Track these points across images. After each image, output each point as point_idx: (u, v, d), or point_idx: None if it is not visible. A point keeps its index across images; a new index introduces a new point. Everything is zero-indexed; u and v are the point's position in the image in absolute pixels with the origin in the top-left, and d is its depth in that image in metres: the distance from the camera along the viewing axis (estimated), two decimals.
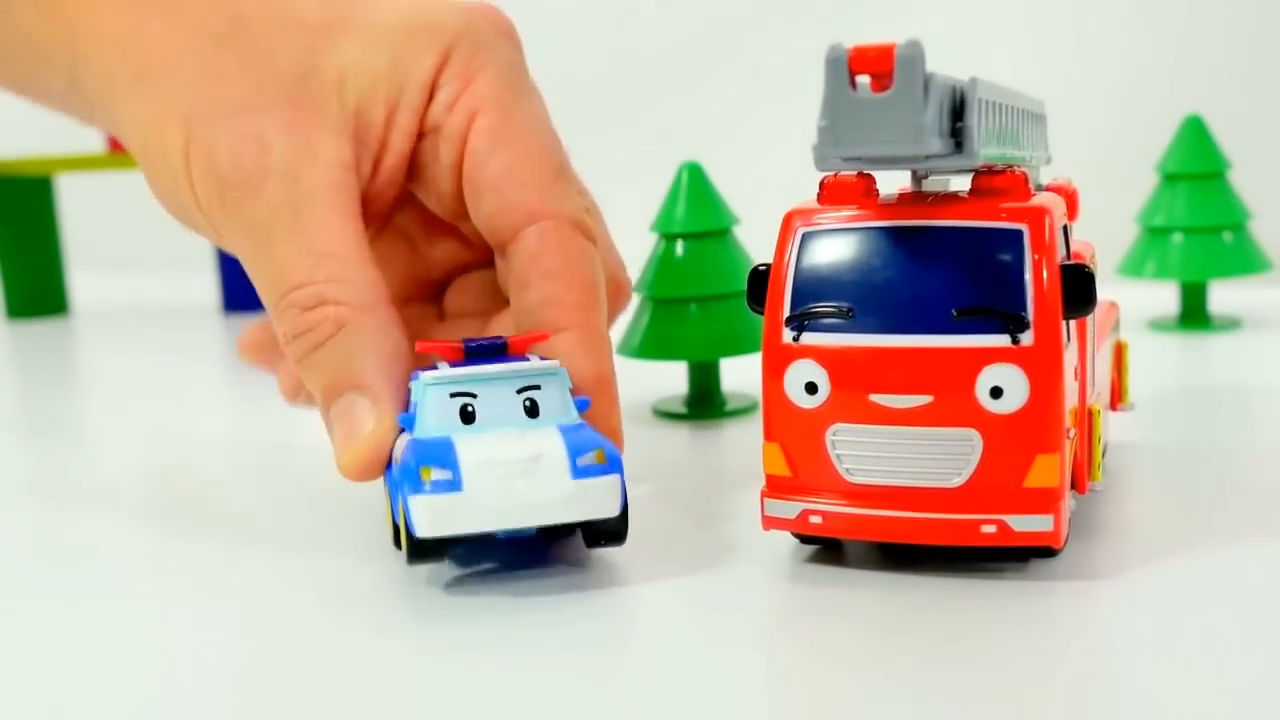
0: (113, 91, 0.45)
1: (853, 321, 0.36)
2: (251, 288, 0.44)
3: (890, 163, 0.35)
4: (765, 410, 0.38)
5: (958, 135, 0.34)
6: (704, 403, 0.57)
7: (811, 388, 0.37)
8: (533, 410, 0.38)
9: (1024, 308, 0.35)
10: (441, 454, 0.36)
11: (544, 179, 0.43)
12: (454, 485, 0.36)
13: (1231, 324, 0.68)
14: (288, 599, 0.39)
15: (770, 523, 0.38)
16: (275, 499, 0.49)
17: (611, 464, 0.37)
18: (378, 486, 0.42)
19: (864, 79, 0.33)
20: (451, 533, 0.36)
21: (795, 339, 0.37)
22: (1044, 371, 0.35)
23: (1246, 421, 0.54)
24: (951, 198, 0.37)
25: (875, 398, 0.36)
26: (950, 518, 0.36)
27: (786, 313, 0.37)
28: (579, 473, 0.36)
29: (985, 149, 0.35)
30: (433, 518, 0.36)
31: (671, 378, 0.59)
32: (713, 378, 0.57)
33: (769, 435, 0.38)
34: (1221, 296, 0.71)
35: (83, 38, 0.46)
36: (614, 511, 0.37)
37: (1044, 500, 0.35)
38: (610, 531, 0.38)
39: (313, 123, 0.43)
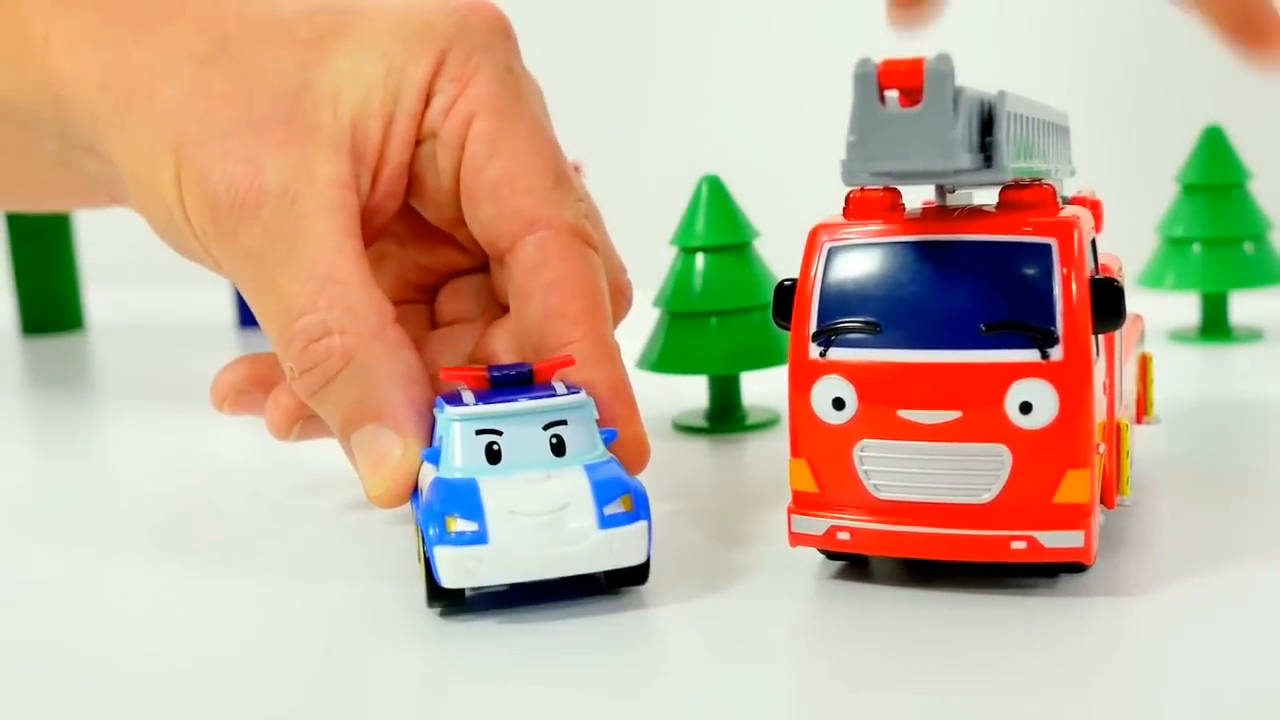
0: (99, 129, 0.44)
1: (880, 337, 0.36)
2: None
3: (919, 178, 0.34)
4: (792, 426, 0.38)
5: (987, 150, 0.34)
6: (725, 417, 0.57)
7: (839, 403, 0.37)
8: (559, 448, 0.37)
9: (1053, 322, 0.35)
10: (467, 501, 0.36)
11: (542, 185, 0.42)
12: (479, 538, 0.35)
13: (1253, 335, 0.68)
14: (305, 618, 0.39)
15: (797, 539, 0.38)
16: (293, 516, 0.49)
17: (639, 509, 0.36)
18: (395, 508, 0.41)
19: (893, 94, 0.33)
20: (476, 584, 0.36)
21: (822, 354, 0.37)
22: (1074, 386, 0.35)
23: (1270, 433, 0.53)
24: (979, 212, 0.37)
25: (903, 413, 0.36)
26: (980, 534, 0.35)
27: (813, 328, 0.37)
28: (606, 522, 0.36)
29: (1014, 163, 0.35)
30: (457, 569, 0.35)
31: (692, 392, 0.59)
32: (733, 392, 0.57)
33: (796, 451, 0.38)
34: (1242, 307, 0.71)
35: (64, 82, 0.44)
36: (641, 558, 0.36)
37: (1074, 516, 0.35)
38: (633, 573, 0.37)
39: (307, 141, 0.42)
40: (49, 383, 0.81)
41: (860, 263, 0.37)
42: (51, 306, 0.95)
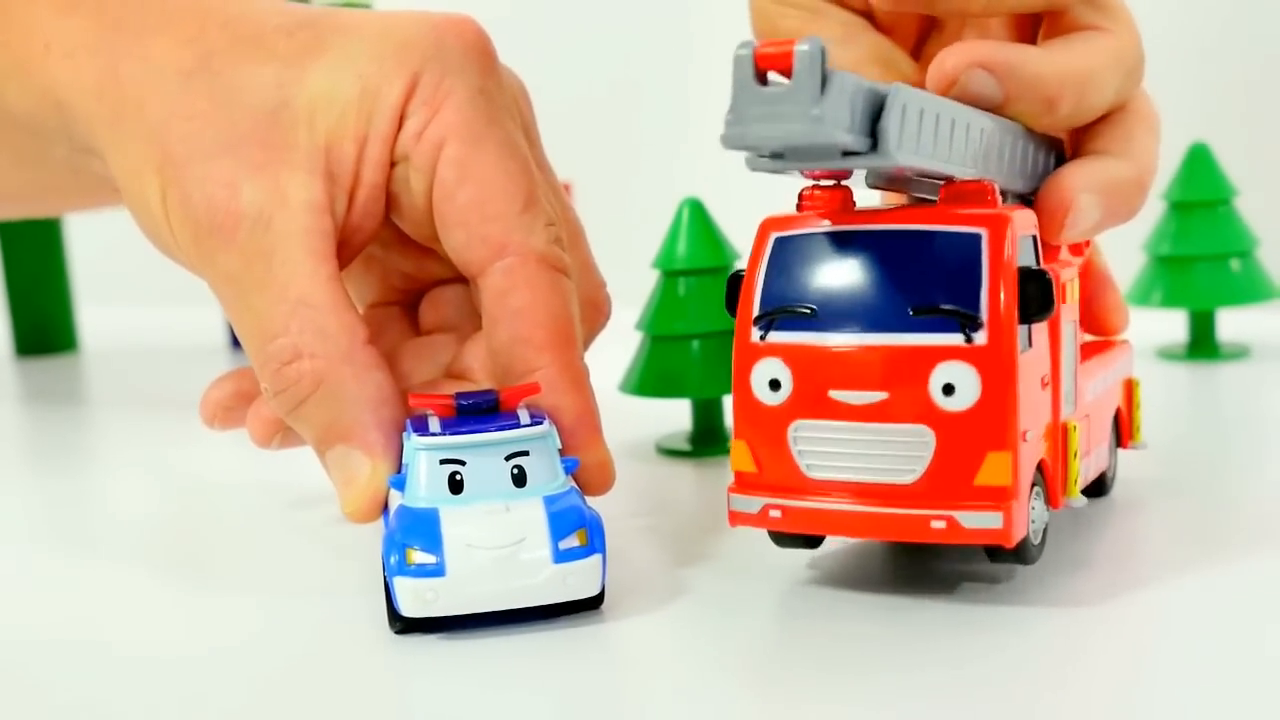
0: (96, 136, 0.45)
1: (815, 320, 0.37)
2: None
3: (801, 157, 0.35)
4: (734, 408, 0.39)
5: (875, 135, 0.35)
6: (708, 440, 0.57)
7: (775, 385, 0.38)
8: (520, 479, 0.38)
9: (978, 307, 0.36)
10: (427, 532, 0.37)
11: (510, 211, 0.43)
12: (437, 571, 0.36)
13: (1240, 352, 0.68)
14: (283, 627, 0.40)
15: (735, 518, 0.39)
16: (280, 531, 0.50)
17: (593, 543, 0.37)
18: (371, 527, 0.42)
19: (770, 74, 0.34)
20: (434, 614, 0.37)
21: (762, 338, 0.38)
22: (996, 370, 0.36)
23: (1255, 450, 0.53)
24: (919, 206, 0.38)
25: (834, 394, 0.37)
26: (903, 513, 0.36)
27: (755, 313, 0.38)
28: (560, 557, 0.37)
29: (915, 156, 0.35)
30: (415, 600, 0.37)
31: (675, 415, 0.59)
32: (716, 415, 0.57)
33: (737, 433, 0.39)
34: (1230, 324, 0.71)
35: (64, 89, 0.46)
36: (594, 590, 0.38)
37: (995, 497, 0.36)
38: (587, 601, 0.38)
39: (283, 163, 0.43)
40: (43, 404, 0.81)
41: (802, 253, 0.38)
42: (45, 328, 0.95)
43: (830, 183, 0.39)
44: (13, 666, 0.39)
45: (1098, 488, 0.45)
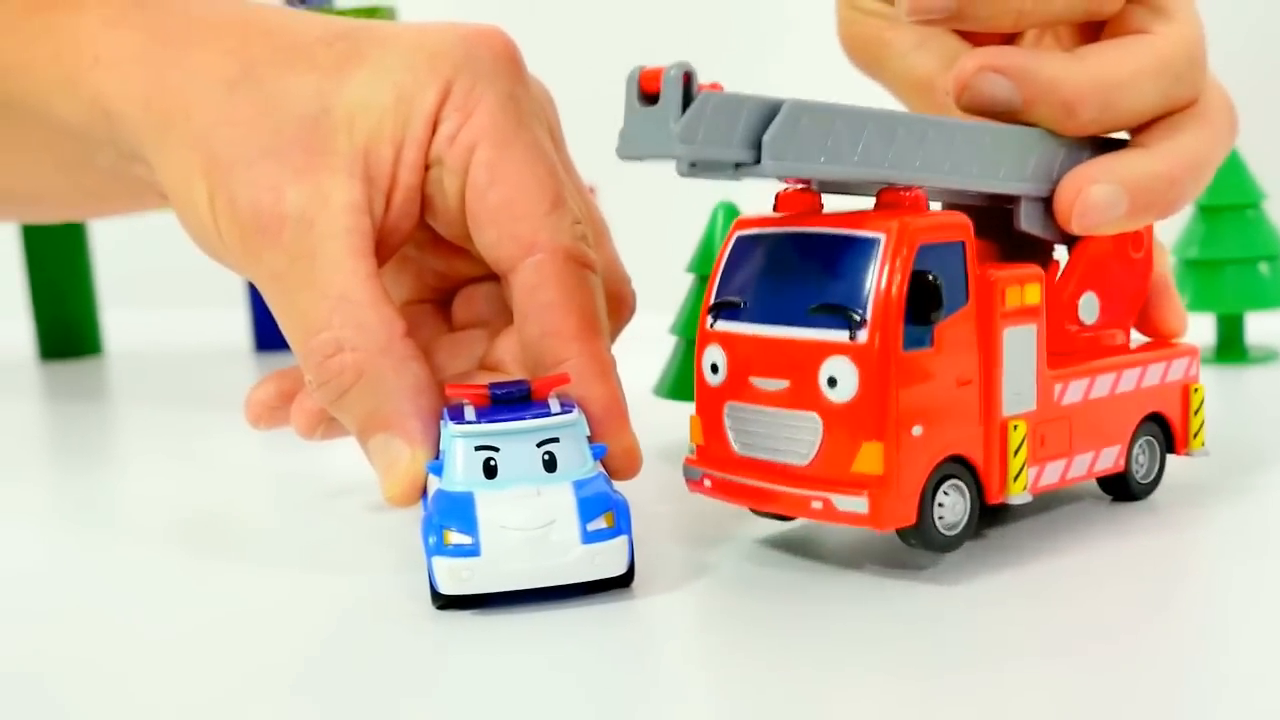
0: (144, 143, 0.47)
1: (743, 311, 0.41)
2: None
3: (702, 169, 0.38)
4: (695, 387, 0.42)
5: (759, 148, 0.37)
6: None
7: (715, 368, 0.42)
8: (551, 464, 0.40)
9: (864, 307, 0.38)
10: (463, 515, 0.39)
11: (539, 211, 0.45)
12: (473, 551, 0.38)
13: (1268, 356, 0.68)
14: (330, 605, 0.42)
15: (690, 485, 0.43)
16: (321, 520, 0.51)
17: (620, 525, 0.39)
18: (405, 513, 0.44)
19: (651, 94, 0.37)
20: (470, 591, 0.39)
21: (711, 325, 0.42)
22: (874, 366, 0.38)
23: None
24: (851, 212, 0.40)
25: (753, 380, 0.40)
26: (791, 491, 0.40)
27: (711, 302, 0.42)
28: (589, 538, 0.39)
29: (815, 165, 0.38)
30: (452, 578, 0.39)
31: None
32: None
33: (696, 409, 0.43)
34: (1258, 328, 0.71)
35: (112, 99, 0.47)
36: (620, 570, 0.39)
37: (867, 484, 0.38)
38: (617, 579, 0.40)
39: (324, 166, 0.44)
40: (70, 406, 0.82)
41: (750, 250, 0.42)
42: (69, 332, 0.95)
43: (801, 186, 0.42)
44: (63, 640, 0.40)
45: (1121, 489, 0.46)
